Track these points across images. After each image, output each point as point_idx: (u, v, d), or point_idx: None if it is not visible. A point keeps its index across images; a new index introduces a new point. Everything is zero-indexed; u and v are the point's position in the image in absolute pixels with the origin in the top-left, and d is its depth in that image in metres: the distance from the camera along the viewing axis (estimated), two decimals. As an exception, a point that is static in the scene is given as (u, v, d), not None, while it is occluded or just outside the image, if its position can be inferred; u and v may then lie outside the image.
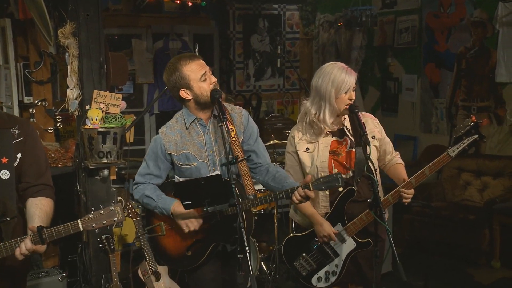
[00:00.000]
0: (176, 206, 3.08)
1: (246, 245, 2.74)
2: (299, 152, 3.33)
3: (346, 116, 3.34)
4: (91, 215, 2.61)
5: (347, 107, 3.22)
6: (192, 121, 3.13)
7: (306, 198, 2.96)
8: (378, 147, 3.39)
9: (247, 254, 2.71)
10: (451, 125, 6.73)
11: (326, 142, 3.30)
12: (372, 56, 7.77)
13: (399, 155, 3.52)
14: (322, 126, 3.27)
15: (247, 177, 3.10)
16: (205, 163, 3.12)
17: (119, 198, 4.75)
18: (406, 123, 7.35)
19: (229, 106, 3.21)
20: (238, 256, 2.82)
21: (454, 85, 6.71)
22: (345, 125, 3.34)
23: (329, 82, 3.20)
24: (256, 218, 5.28)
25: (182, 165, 3.13)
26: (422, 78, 7.12)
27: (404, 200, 3.21)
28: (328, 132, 3.31)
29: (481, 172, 6.10)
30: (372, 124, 3.39)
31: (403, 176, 3.32)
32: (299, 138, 3.35)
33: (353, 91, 3.23)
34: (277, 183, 3.15)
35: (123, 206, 4.78)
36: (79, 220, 2.61)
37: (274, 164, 5.36)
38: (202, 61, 3.08)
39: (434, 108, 6.97)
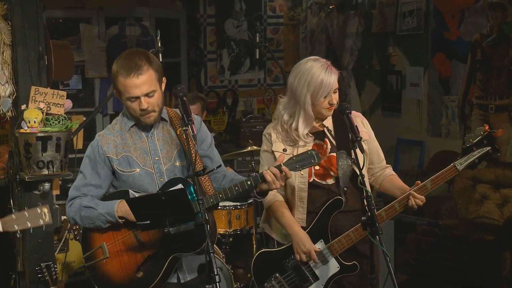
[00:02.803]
0: (122, 206, 3.05)
1: (216, 273, 2.74)
2: (275, 153, 3.35)
3: (329, 117, 3.39)
4: (13, 216, 2.64)
5: (330, 108, 3.27)
6: (132, 126, 3.17)
7: (282, 177, 2.96)
8: (366, 150, 3.39)
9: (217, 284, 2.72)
10: (464, 127, 6.77)
11: (306, 144, 3.33)
12: (370, 45, 7.79)
13: (391, 168, 3.53)
14: (295, 137, 3.31)
15: (206, 180, 3.12)
16: (149, 171, 3.13)
17: (63, 217, 4.70)
18: (410, 125, 7.38)
19: (179, 111, 3.22)
20: (207, 286, 2.80)
21: (467, 79, 6.75)
22: (326, 126, 3.38)
23: (305, 85, 3.24)
24: (230, 239, 5.27)
25: (123, 171, 3.14)
26: (429, 71, 7.15)
27: (413, 206, 3.21)
28: (310, 135, 3.34)
29: (500, 183, 6.14)
30: (360, 124, 3.42)
31: (404, 185, 3.34)
32: (275, 136, 3.38)
33: (334, 93, 3.26)
34: None
35: (69, 227, 4.74)
36: None
37: (253, 174, 5.37)
38: (144, 79, 3.01)
39: (444, 107, 7.01)
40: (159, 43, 5.16)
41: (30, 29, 4.22)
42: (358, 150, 3.15)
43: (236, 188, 2.99)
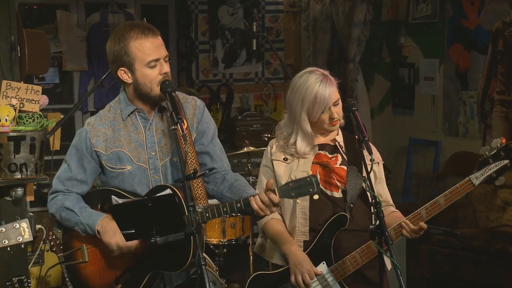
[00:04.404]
0: (105, 222, 3.06)
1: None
2: (274, 162, 3.36)
3: (339, 131, 3.42)
4: None
5: (333, 123, 3.28)
6: (131, 112, 3.16)
7: (271, 205, 2.94)
8: (377, 175, 3.39)
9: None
10: (484, 125, 6.77)
11: (309, 155, 3.35)
12: (379, 34, 7.80)
13: (394, 207, 3.49)
14: (295, 154, 3.33)
15: (199, 188, 3.13)
16: (143, 167, 3.13)
17: (38, 226, 4.70)
18: (424, 124, 7.38)
19: (180, 95, 3.24)
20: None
21: (488, 72, 6.75)
22: (338, 141, 3.40)
23: (299, 102, 3.27)
24: (224, 250, 5.27)
25: (112, 168, 3.15)
26: (445, 63, 7.16)
27: (404, 235, 3.19)
28: (315, 145, 3.35)
29: (524, 188, 6.15)
30: (374, 151, 3.39)
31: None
32: (276, 148, 3.40)
33: (334, 105, 3.27)
34: (234, 193, 3.13)
35: (45, 237, 4.73)
36: None
37: (249, 178, 5.37)
38: (160, 41, 3.10)
39: (462, 104, 7.01)
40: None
41: (1, 17, 4.21)
42: (366, 152, 3.15)
43: (225, 209, 2.96)
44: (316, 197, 3.27)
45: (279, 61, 7.52)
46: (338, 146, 3.38)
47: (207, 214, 2.98)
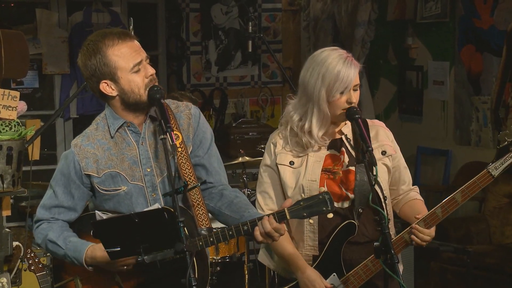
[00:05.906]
0: (91, 251, 3.05)
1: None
2: (279, 166, 3.34)
3: (347, 122, 3.35)
4: None
5: (345, 111, 3.24)
6: (120, 127, 3.12)
7: (274, 233, 2.93)
8: (390, 168, 3.39)
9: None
10: (498, 134, 6.78)
11: (318, 156, 3.32)
12: (385, 35, 7.81)
13: (417, 190, 3.53)
14: (308, 140, 3.29)
15: (200, 208, 3.09)
16: (139, 186, 3.11)
17: (15, 243, 4.68)
18: (434, 131, 7.39)
19: (172, 104, 3.23)
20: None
21: (502, 76, 6.76)
22: (345, 133, 3.37)
23: (319, 78, 3.23)
24: (218, 268, 5.26)
25: (106, 190, 3.12)
26: (456, 66, 7.17)
27: (418, 243, 3.22)
28: (325, 138, 3.33)
29: (542, 201, 6.16)
30: (385, 136, 3.42)
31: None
32: (281, 147, 3.36)
33: (354, 90, 3.24)
34: (234, 211, 3.13)
35: (22, 255, 4.71)
36: None
37: (244, 191, 5.36)
38: (137, 43, 3.10)
39: (474, 110, 7.02)
40: (132, 33, 5.15)
41: (-24, 16, 4.21)
42: (370, 163, 3.14)
43: (230, 232, 2.96)
44: (330, 215, 3.26)
45: (277, 64, 7.53)
46: (345, 140, 3.35)
47: (211, 239, 2.98)
